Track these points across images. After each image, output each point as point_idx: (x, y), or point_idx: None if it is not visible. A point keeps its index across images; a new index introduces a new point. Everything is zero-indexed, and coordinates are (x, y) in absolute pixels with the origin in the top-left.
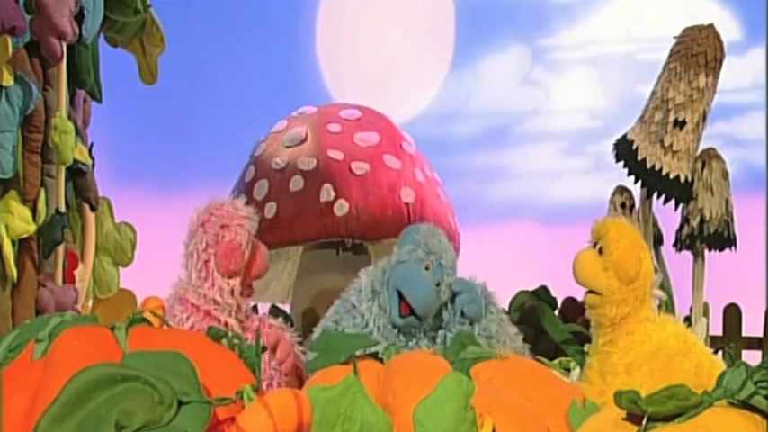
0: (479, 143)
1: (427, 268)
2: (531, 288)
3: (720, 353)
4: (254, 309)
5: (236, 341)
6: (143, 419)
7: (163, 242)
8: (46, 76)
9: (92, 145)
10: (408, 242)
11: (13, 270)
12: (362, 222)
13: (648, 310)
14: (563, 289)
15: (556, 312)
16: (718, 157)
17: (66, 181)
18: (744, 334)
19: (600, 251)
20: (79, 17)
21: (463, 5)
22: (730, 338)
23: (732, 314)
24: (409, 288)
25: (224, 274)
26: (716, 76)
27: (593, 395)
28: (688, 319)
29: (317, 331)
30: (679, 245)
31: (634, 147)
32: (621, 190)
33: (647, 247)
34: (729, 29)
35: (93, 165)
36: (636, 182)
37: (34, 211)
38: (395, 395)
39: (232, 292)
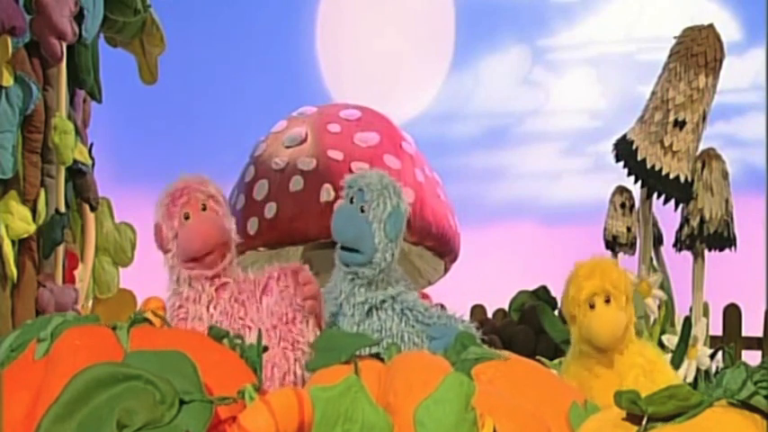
0: (479, 143)
1: (351, 201)
2: (531, 288)
3: (720, 353)
4: None
5: (237, 341)
6: (145, 418)
7: None
8: (46, 76)
9: (92, 145)
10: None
11: (13, 270)
12: None
13: None
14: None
15: (556, 312)
16: (718, 157)
17: (66, 181)
18: (744, 334)
19: (607, 301)
20: (79, 17)
21: (463, 5)
22: (730, 338)
23: (732, 314)
24: (335, 231)
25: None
26: (716, 76)
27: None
28: (688, 320)
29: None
30: (679, 245)
31: (634, 147)
32: (621, 190)
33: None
34: (729, 29)
35: (93, 165)
36: (636, 182)
37: (34, 211)
38: (396, 395)
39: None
